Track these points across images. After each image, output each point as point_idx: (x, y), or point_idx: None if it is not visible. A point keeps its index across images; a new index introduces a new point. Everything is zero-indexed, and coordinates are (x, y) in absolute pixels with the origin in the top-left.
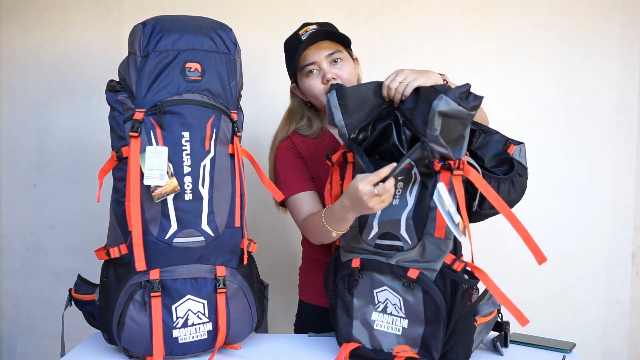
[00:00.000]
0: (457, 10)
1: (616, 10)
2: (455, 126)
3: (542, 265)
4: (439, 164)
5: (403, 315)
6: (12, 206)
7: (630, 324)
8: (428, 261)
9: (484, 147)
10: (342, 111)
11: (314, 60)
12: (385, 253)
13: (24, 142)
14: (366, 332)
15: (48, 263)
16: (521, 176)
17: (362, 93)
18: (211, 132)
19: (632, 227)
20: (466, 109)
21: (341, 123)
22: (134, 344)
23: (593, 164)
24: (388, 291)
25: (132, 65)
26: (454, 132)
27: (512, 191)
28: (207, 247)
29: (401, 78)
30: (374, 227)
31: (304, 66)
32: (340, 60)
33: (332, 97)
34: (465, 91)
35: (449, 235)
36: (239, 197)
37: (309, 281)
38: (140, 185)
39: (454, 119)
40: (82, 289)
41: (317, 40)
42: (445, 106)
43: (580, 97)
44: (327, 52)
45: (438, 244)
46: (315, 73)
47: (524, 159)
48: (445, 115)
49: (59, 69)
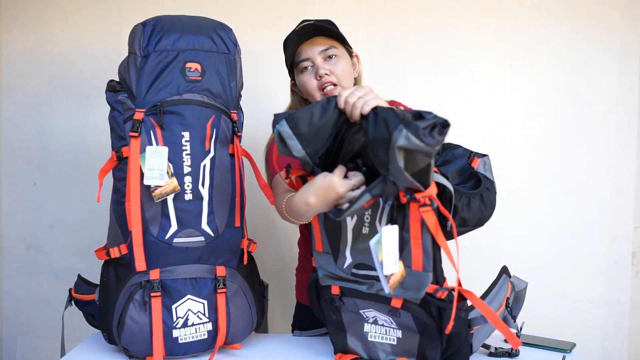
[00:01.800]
0: (457, 9)
1: (616, 10)
2: (420, 158)
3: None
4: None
5: (396, 327)
6: (12, 206)
7: (630, 324)
8: (409, 291)
9: (447, 163)
10: (300, 140)
11: (307, 56)
12: (363, 282)
13: (24, 142)
14: (360, 344)
15: (48, 263)
16: (489, 191)
17: (315, 114)
18: (211, 132)
19: (632, 227)
20: (429, 145)
21: (302, 153)
22: (134, 344)
23: (593, 164)
24: (375, 311)
25: (132, 65)
26: (420, 163)
27: (482, 207)
28: (207, 247)
29: (360, 94)
30: (348, 257)
31: (298, 62)
32: (335, 56)
33: (283, 128)
34: (429, 125)
35: (427, 267)
36: (239, 197)
37: (304, 282)
38: (140, 185)
39: (417, 152)
40: (82, 289)
41: (309, 35)
42: (404, 141)
43: (580, 97)
44: (321, 47)
45: (417, 277)
46: (309, 69)
47: (490, 171)
48: (406, 150)
49: (59, 69)
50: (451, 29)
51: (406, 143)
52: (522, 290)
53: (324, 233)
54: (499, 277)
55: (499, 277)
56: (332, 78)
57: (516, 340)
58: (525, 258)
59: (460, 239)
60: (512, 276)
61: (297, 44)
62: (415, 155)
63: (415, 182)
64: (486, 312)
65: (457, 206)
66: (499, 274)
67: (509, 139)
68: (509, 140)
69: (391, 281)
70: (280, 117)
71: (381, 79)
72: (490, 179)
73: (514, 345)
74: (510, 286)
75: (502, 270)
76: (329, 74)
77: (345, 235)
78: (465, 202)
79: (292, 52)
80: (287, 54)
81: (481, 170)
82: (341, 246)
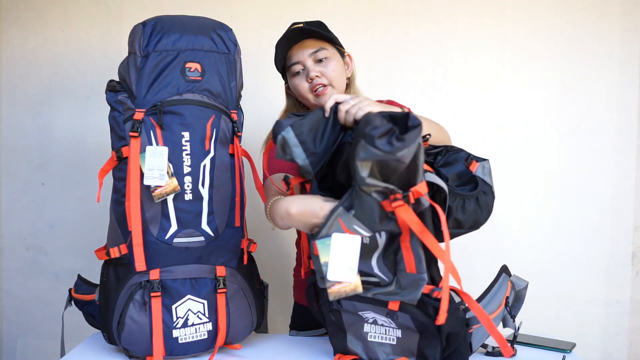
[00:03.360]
0: (457, 9)
1: (616, 10)
2: (393, 165)
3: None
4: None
5: (395, 326)
6: (12, 206)
7: (630, 324)
8: (406, 293)
9: (448, 165)
10: (304, 148)
11: (298, 59)
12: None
13: (24, 142)
14: (360, 344)
15: (48, 263)
16: (486, 194)
17: (316, 122)
18: (211, 132)
19: (632, 227)
20: (389, 153)
21: (306, 162)
22: (134, 344)
23: (593, 164)
24: (373, 312)
25: (132, 65)
26: (394, 168)
27: (477, 210)
28: (207, 247)
29: (354, 102)
30: None
31: (289, 66)
32: (325, 58)
33: (289, 135)
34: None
35: (421, 269)
36: (239, 197)
37: (302, 282)
38: (140, 185)
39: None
40: (82, 289)
41: (298, 39)
42: (364, 153)
43: (580, 97)
44: (310, 50)
45: (413, 279)
46: (300, 72)
47: (488, 176)
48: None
49: (59, 69)
50: (451, 30)
51: (365, 155)
52: (523, 289)
53: None
54: (499, 276)
55: (498, 276)
56: (323, 80)
57: (508, 348)
58: (525, 258)
59: (461, 239)
60: (512, 275)
61: (287, 48)
62: (385, 162)
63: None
64: (481, 316)
65: (452, 207)
66: (498, 273)
67: (509, 139)
68: (508, 141)
69: (333, 288)
70: (285, 124)
71: (381, 78)
72: (488, 182)
73: (506, 354)
74: (510, 285)
75: (501, 269)
76: (319, 75)
77: None
78: (460, 204)
79: (282, 56)
80: (278, 58)
81: (479, 174)
82: None
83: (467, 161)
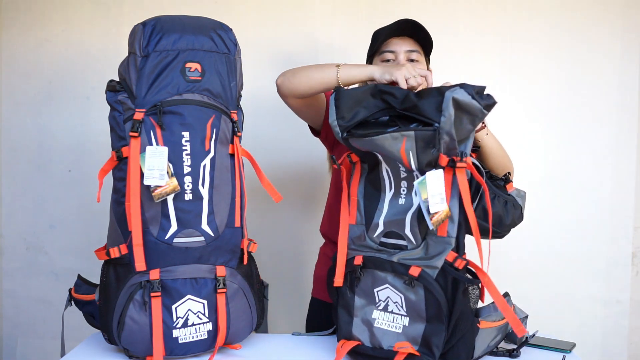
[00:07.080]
0: (458, 10)
1: (616, 10)
2: (465, 123)
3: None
4: (447, 159)
5: (404, 313)
6: (12, 206)
7: (630, 324)
8: (430, 258)
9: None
10: (337, 112)
11: (394, 49)
12: (388, 251)
13: (24, 142)
14: (366, 330)
15: (48, 263)
16: (515, 208)
17: (358, 96)
18: (211, 132)
19: (632, 227)
20: (479, 104)
21: (334, 123)
22: (134, 344)
23: (593, 164)
24: (389, 289)
25: (132, 65)
26: (464, 129)
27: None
28: (207, 247)
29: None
30: (380, 226)
31: (383, 51)
32: (417, 61)
33: (331, 98)
34: (482, 89)
35: (452, 233)
36: (239, 197)
37: (323, 277)
38: (140, 185)
39: (465, 113)
40: (82, 289)
41: (404, 32)
42: (460, 95)
43: (580, 97)
44: (408, 47)
45: (441, 242)
46: (390, 62)
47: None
48: (458, 106)
49: (59, 69)
50: (451, 30)
51: (461, 97)
52: (523, 319)
53: (362, 203)
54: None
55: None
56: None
57: (522, 328)
58: (525, 258)
59: None
60: (514, 306)
61: (390, 35)
62: (462, 117)
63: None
64: (495, 295)
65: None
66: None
67: (508, 139)
68: (508, 141)
69: (434, 218)
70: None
71: None
72: (520, 204)
73: (519, 333)
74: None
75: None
76: None
77: (383, 204)
78: (491, 197)
79: (382, 39)
80: (375, 40)
81: (514, 194)
82: (376, 215)
83: (505, 181)
